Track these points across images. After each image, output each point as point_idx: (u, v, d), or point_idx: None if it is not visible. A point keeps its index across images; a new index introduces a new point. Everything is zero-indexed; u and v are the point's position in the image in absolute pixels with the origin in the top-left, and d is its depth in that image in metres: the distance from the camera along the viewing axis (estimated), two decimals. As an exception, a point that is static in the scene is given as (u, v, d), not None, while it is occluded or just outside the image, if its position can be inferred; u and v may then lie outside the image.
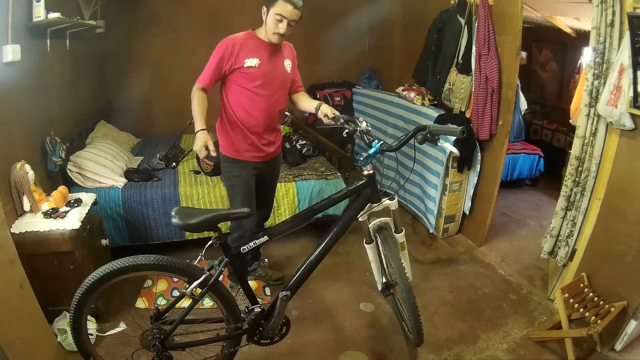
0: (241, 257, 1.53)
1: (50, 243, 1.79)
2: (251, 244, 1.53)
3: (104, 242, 2.14)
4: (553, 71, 4.44)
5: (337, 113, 1.80)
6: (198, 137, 1.68)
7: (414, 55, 3.24)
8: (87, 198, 2.08)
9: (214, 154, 1.68)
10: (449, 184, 2.77)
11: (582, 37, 3.79)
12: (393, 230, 1.73)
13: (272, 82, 1.85)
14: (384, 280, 1.91)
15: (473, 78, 2.60)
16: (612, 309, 1.77)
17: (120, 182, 2.51)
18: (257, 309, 1.58)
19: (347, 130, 1.70)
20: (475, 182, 2.76)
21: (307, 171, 2.87)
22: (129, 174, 2.61)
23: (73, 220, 1.85)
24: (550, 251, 2.24)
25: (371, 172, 1.61)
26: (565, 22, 3.88)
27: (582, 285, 1.96)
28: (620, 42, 1.74)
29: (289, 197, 2.67)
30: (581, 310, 1.81)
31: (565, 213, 2.13)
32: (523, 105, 2.70)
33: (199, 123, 1.73)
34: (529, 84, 4.51)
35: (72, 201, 2.00)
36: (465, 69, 2.68)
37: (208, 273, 1.44)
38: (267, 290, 2.30)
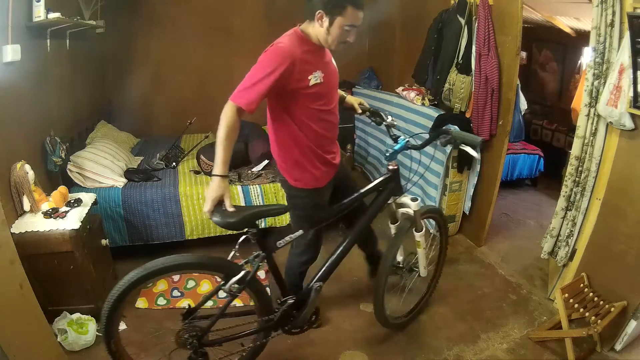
0: (270, 254, 1.53)
1: (50, 243, 1.79)
2: (287, 238, 1.54)
3: (104, 242, 2.15)
4: (553, 71, 4.44)
5: (365, 104, 1.82)
6: (216, 186, 1.36)
7: (414, 55, 3.23)
8: (87, 198, 2.08)
9: (231, 208, 1.37)
10: (449, 184, 2.77)
11: (582, 37, 3.79)
12: (414, 228, 1.82)
13: (333, 90, 1.62)
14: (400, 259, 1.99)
15: (473, 78, 2.60)
16: (612, 309, 1.78)
17: (120, 182, 2.51)
18: (290, 300, 1.60)
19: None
20: (475, 182, 2.76)
21: (307, 171, 2.87)
22: (129, 174, 2.61)
23: (73, 220, 1.85)
24: (550, 251, 2.24)
25: (395, 167, 1.70)
26: (565, 22, 3.88)
27: (582, 285, 1.96)
28: (620, 42, 1.74)
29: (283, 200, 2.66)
30: (581, 310, 1.81)
31: (565, 213, 2.13)
32: (523, 105, 2.70)
33: (222, 164, 1.37)
34: (529, 84, 4.51)
35: (72, 201, 2.00)
36: (465, 69, 2.68)
37: (247, 269, 1.44)
38: (268, 291, 2.29)
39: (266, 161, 2.89)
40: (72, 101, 2.74)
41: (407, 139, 1.68)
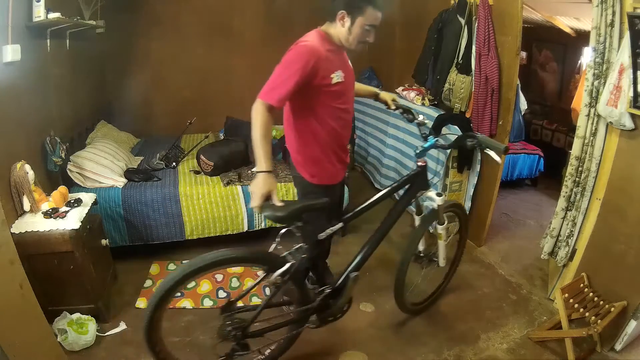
0: (319, 245, 1.60)
1: (50, 243, 1.79)
2: (328, 230, 1.60)
3: (104, 242, 2.15)
4: (553, 71, 4.44)
5: (398, 101, 1.93)
6: (263, 183, 1.37)
7: (414, 55, 3.24)
8: (87, 198, 2.08)
9: (278, 203, 1.39)
10: (449, 184, 2.77)
11: (582, 37, 3.79)
12: (437, 221, 1.93)
13: (351, 90, 1.68)
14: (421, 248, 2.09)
15: (473, 78, 2.60)
16: (612, 309, 1.78)
17: (120, 182, 2.51)
18: (328, 290, 1.67)
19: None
20: (475, 182, 2.76)
21: (307, 171, 2.87)
22: (129, 174, 2.61)
23: (73, 220, 1.85)
24: (551, 251, 2.24)
25: (424, 163, 1.81)
26: (565, 22, 3.88)
27: (582, 285, 1.96)
28: (620, 42, 1.74)
29: (289, 197, 2.67)
30: (581, 310, 1.81)
31: (565, 213, 2.13)
32: (523, 105, 2.70)
33: (264, 160, 1.39)
34: (529, 84, 4.51)
35: (72, 201, 2.00)
36: (465, 69, 2.68)
37: (292, 261, 1.47)
38: (267, 290, 2.29)
39: (266, 161, 2.89)
40: (72, 101, 2.74)
41: (437, 139, 1.80)
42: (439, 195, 1.88)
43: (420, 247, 2.07)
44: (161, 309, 1.41)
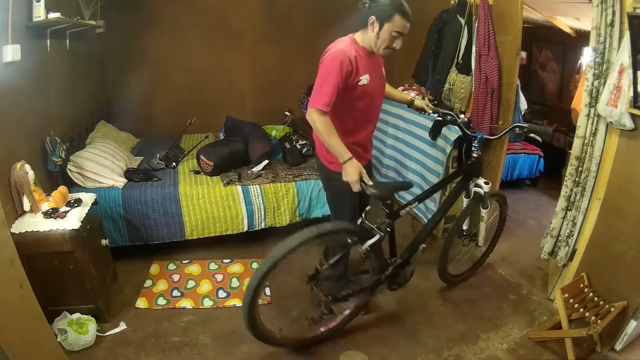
0: (396, 219, 1.82)
1: (50, 243, 1.79)
2: (407, 208, 1.85)
3: (104, 242, 2.15)
4: (553, 71, 4.44)
5: (432, 107, 2.05)
6: (350, 167, 1.57)
7: (414, 55, 3.23)
8: (87, 198, 2.08)
9: (370, 182, 1.59)
10: (449, 185, 2.77)
11: (582, 37, 3.79)
12: (481, 205, 2.17)
13: (377, 93, 1.79)
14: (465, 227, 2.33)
15: (473, 78, 2.60)
16: (612, 309, 1.78)
17: (120, 182, 2.51)
18: (399, 260, 1.93)
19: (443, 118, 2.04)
20: (475, 182, 2.76)
21: (307, 171, 2.87)
22: (129, 174, 2.61)
23: (73, 220, 1.85)
24: (551, 251, 2.24)
25: (478, 155, 2.06)
26: (565, 22, 3.88)
27: (582, 285, 1.96)
28: (620, 42, 1.74)
29: (289, 197, 2.67)
30: (581, 310, 1.81)
31: (565, 213, 2.13)
32: (523, 105, 2.70)
33: (343, 151, 1.58)
34: (529, 84, 4.51)
35: (72, 201, 2.00)
36: (465, 69, 2.68)
37: (380, 234, 1.73)
38: (267, 291, 2.29)
39: (266, 161, 2.89)
40: (72, 101, 2.74)
41: (483, 134, 2.13)
42: (486, 183, 2.09)
43: (465, 226, 2.30)
44: (261, 286, 1.61)
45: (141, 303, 2.17)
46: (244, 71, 3.97)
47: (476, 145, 2.08)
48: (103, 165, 2.49)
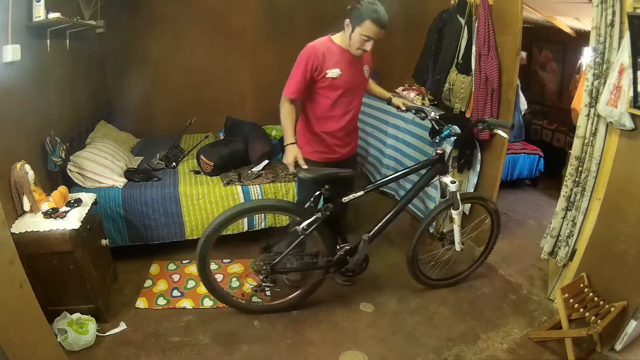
0: (342, 206, 1.92)
1: (50, 243, 1.79)
2: (351, 196, 1.91)
3: (104, 242, 2.15)
4: (553, 71, 4.44)
5: (409, 104, 2.12)
6: (289, 151, 1.81)
7: (414, 55, 3.23)
8: (87, 198, 2.08)
9: (304, 166, 1.79)
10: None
11: (582, 37, 3.79)
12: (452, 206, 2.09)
13: (351, 90, 1.92)
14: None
15: (473, 78, 2.60)
16: (612, 309, 1.78)
17: (120, 182, 2.51)
18: (347, 247, 2.01)
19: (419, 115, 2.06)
20: (475, 182, 2.76)
21: (307, 171, 2.87)
22: (129, 174, 2.61)
23: (73, 220, 1.85)
24: (551, 251, 2.24)
25: (442, 152, 2.05)
26: (565, 22, 3.88)
27: (582, 285, 1.96)
28: (620, 42, 1.74)
29: (289, 197, 2.67)
30: (581, 310, 1.81)
31: (565, 213, 2.13)
32: (523, 105, 2.70)
33: (289, 136, 1.82)
34: (529, 84, 4.51)
35: (72, 201, 2.00)
36: (465, 69, 2.68)
37: (318, 214, 1.84)
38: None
39: (266, 161, 2.89)
40: (72, 101, 2.74)
41: (450, 129, 2.01)
42: (452, 182, 2.02)
43: (446, 229, 2.31)
44: (208, 250, 1.88)
45: (141, 303, 2.17)
46: (244, 71, 3.97)
47: (438, 141, 2.05)
48: (103, 165, 2.49)
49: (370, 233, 2.04)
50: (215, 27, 3.79)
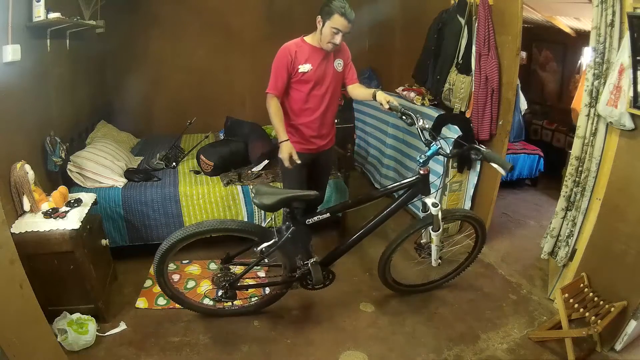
0: (305, 228, 1.90)
1: (50, 243, 1.79)
2: (315, 218, 1.87)
3: (104, 242, 2.15)
4: (553, 71, 4.44)
5: (393, 102, 1.97)
6: (284, 148, 1.94)
7: (414, 55, 3.24)
8: (87, 198, 2.08)
9: (298, 161, 1.94)
10: (449, 184, 2.77)
11: (582, 37, 3.79)
12: (431, 227, 2.00)
13: (323, 83, 2.05)
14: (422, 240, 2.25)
15: (473, 78, 2.60)
16: (612, 309, 1.78)
17: (120, 182, 2.51)
18: (305, 268, 1.96)
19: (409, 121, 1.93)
20: (475, 182, 2.76)
21: (307, 171, 2.87)
22: (129, 174, 2.61)
23: (73, 220, 1.85)
24: (551, 251, 2.24)
25: (426, 172, 1.89)
26: (565, 22, 3.87)
27: (582, 285, 1.96)
28: (620, 42, 1.74)
29: (289, 197, 2.66)
30: (581, 310, 1.81)
31: (565, 213, 2.13)
32: (523, 105, 2.70)
33: (281, 133, 1.96)
34: (529, 84, 4.51)
35: (72, 201, 2.00)
36: (465, 69, 2.68)
37: (278, 237, 1.81)
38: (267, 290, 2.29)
39: (266, 161, 2.89)
40: (72, 101, 2.74)
41: (439, 147, 1.84)
42: (434, 205, 1.89)
43: (423, 240, 2.21)
44: (165, 264, 1.88)
45: (141, 303, 2.17)
46: (244, 71, 3.97)
47: (424, 160, 1.85)
48: (103, 165, 2.49)
49: (322, 258, 2.02)
50: (215, 27, 3.79)
